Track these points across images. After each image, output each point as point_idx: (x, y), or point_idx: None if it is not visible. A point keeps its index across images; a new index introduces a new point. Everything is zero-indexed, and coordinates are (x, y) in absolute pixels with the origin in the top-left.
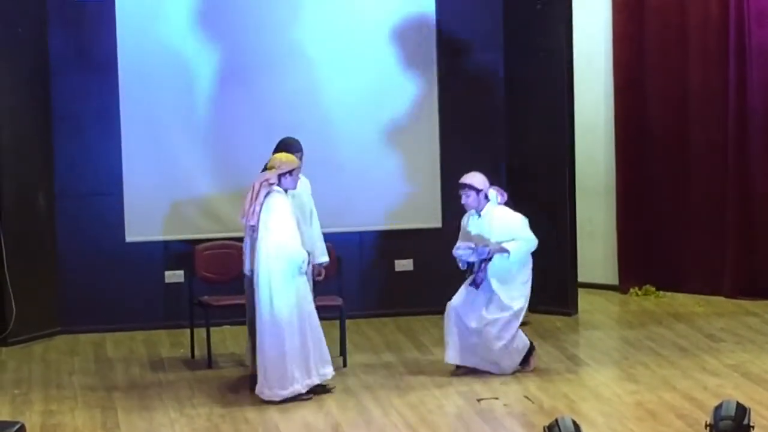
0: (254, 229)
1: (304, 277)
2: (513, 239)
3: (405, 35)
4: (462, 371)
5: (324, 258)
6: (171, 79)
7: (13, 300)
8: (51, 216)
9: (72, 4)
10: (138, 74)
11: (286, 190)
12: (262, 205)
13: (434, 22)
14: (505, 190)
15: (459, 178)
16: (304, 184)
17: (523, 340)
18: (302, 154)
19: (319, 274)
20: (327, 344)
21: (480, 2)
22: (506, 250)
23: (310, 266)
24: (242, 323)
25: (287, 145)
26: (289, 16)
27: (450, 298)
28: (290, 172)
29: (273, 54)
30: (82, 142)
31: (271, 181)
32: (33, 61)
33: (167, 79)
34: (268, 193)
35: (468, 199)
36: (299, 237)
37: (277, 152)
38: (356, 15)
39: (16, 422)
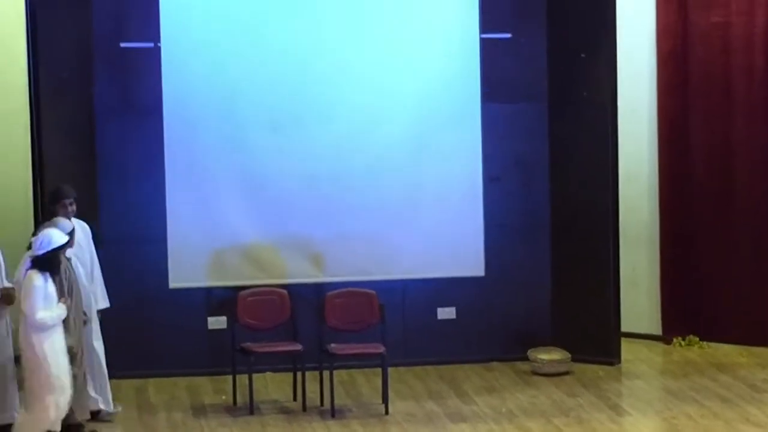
0: None
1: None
2: None
3: (450, 85)
4: None
5: (104, 303)
6: (215, 126)
7: None
8: None
9: (118, 50)
10: (183, 121)
11: None
12: None
13: (479, 71)
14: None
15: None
16: (82, 229)
17: None
18: (70, 201)
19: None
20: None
21: (524, 52)
22: None
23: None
24: (285, 370)
25: (52, 194)
26: (334, 66)
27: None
28: None
29: (318, 102)
30: (127, 188)
31: None
32: (78, 107)
33: (212, 126)
34: None
35: None
36: None
37: (51, 200)
38: (401, 64)
39: None
